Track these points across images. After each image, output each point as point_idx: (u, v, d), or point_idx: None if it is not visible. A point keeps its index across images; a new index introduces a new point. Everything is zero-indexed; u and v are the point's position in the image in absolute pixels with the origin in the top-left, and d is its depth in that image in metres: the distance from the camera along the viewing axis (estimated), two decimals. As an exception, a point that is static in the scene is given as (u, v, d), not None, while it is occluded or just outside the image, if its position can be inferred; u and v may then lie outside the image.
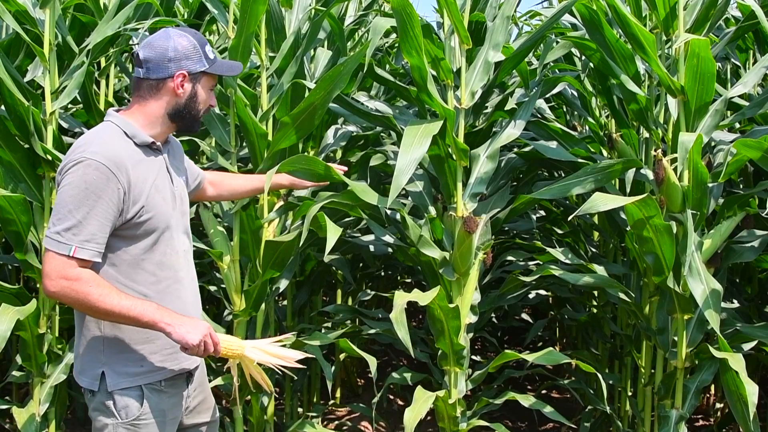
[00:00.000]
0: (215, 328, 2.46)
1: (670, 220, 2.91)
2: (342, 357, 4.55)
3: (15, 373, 3.44)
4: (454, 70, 3.22)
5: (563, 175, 3.60)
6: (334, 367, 4.27)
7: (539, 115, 4.02)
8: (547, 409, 3.17)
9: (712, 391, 4.72)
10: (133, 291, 2.14)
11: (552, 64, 4.01)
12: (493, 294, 3.63)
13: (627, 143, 3.50)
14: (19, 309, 3.00)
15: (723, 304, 3.04)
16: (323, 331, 3.72)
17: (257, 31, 3.13)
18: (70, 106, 4.11)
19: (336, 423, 4.64)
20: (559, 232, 4.36)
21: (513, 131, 3.29)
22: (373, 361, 2.96)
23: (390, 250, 3.73)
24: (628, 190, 3.42)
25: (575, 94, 4.00)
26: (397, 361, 5.50)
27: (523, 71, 3.49)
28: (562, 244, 4.19)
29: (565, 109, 4.71)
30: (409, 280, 5.61)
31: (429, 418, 4.16)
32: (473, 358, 4.33)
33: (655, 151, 3.02)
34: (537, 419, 4.52)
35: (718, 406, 4.64)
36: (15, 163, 3.14)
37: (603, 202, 2.66)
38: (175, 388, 2.28)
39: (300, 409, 4.44)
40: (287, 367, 2.32)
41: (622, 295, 3.26)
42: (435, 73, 3.18)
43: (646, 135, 3.44)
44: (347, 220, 3.66)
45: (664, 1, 2.98)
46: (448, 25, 3.35)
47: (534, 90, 3.45)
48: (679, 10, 2.99)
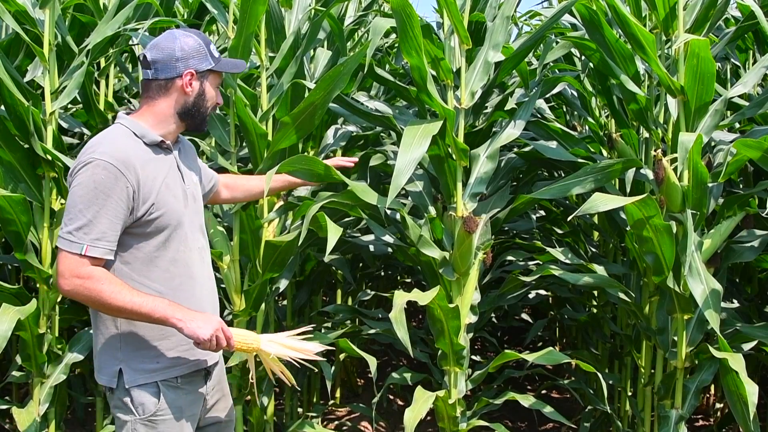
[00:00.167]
0: None
1: (670, 220, 2.91)
2: (342, 357, 4.55)
3: (15, 373, 3.45)
4: (454, 70, 3.22)
5: (563, 175, 3.60)
6: (334, 367, 4.27)
7: (539, 115, 4.02)
8: (547, 409, 3.17)
9: (712, 391, 4.72)
10: (147, 288, 2.17)
11: (552, 64, 4.01)
12: (493, 294, 3.63)
13: (627, 143, 3.49)
14: (19, 309, 3.00)
15: (723, 304, 3.04)
16: (323, 331, 3.72)
17: (257, 31, 3.13)
18: (70, 106, 4.12)
19: (336, 423, 4.64)
20: (559, 232, 4.36)
21: (513, 131, 3.29)
22: (373, 361, 2.96)
23: (390, 250, 3.73)
24: (628, 190, 3.42)
25: (575, 94, 4.00)
26: (397, 361, 5.50)
27: (523, 71, 3.49)
28: (562, 244, 4.19)
29: (565, 109, 4.71)
30: (409, 280, 5.62)
31: (429, 418, 4.16)
32: (473, 358, 4.33)
33: (655, 151, 3.02)
34: (537, 419, 4.53)
35: (718, 406, 4.64)
36: (15, 163, 3.14)
37: (603, 202, 2.66)
38: (193, 385, 2.31)
39: (300, 409, 4.44)
40: (307, 360, 2.33)
41: (622, 295, 3.26)
42: (435, 73, 3.18)
43: (646, 135, 3.44)
44: (347, 220, 3.66)
45: (663, 1, 2.98)
46: (447, 25, 3.35)
47: (534, 90, 3.45)
48: (679, 10, 2.99)
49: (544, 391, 4.84)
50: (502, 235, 4.50)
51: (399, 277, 5.62)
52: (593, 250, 4.04)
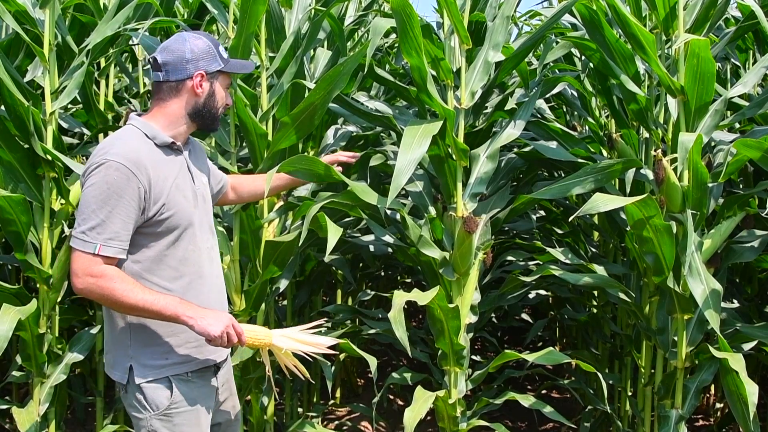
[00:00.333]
0: None
1: (670, 220, 2.91)
2: (342, 357, 4.55)
3: (15, 373, 3.45)
4: (454, 70, 3.22)
5: (563, 175, 3.60)
6: (334, 367, 4.27)
7: (539, 115, 4.01)
8: (547, 409, 3.17)
9: (712, 391, 4.72)
10: (157, 286, 2.21)
11: (552, 64, 4.01)
12: (493, 294, 3.63)
13: (627, 143, 3.49)
14: (19, 309, 3.00)
15: (723, 304, 3.04)
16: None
17: (257, 31, 3.13)
18: (70, 106, 4.12)
19: (336, 423, 4.64)
20: (559, 232, 4.36)
21: (513, 131, 3.29)
22: (373, 361, 2.96)
23: (390, 250, 3.73)
24: (628, 190, 3.41)
25: (575, 94, 4.00)
26: (397, 361, 5.50)
27: (523, 71, 3.49)
28: (562, 244, 4.19)
29: (565, 109, 4.71)
30: (409, 280, 5.61)
31: (429, 418, 4.16)
32: (473, 358, 4.33)
33: (655, 151, 3.02)
34: (537, 419, 4.53)
35: (718, 406, 4.64)
36: (15, 163, 3.14)
37: (603, 203, 2.66)
38: (204, 379, 2.34)
39: (300, 409, 4.44)
40: (319, 354, 2.34)
41: (622, 295, 3.26)
42: (435, 73, 3.18)
43: (646, 135, 3.44)
44: (347, 220, 3.66)
45: (664, 1, 2.98)
46: (448, 25, 3.35)
47: (534, 90, 3.45)
48: (679, 10, 2.99)
49: (544, 391, 4.84)
50: (502, 235, 4.50)
51: (399, 277, 5.62)
52: (593, 250, 4.04)
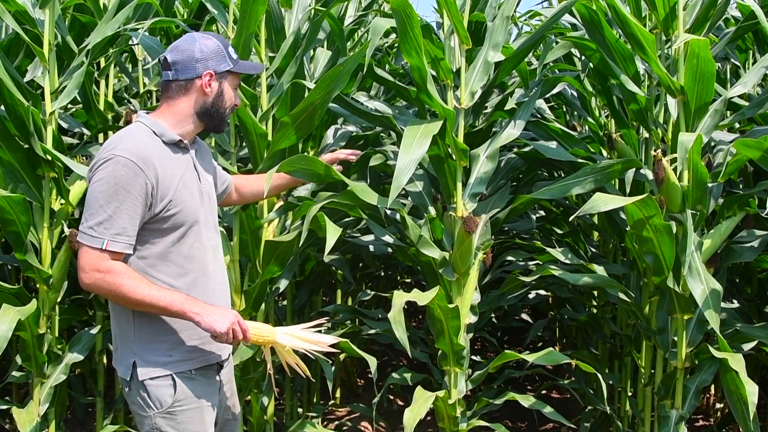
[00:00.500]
0: None
1: (670, 220, 2.91)
2: (342, 357, 4.55)
3: (15, 373, 3.45)
4: (454, 70, 3.22)
5: (563, 175, 3.60)
6: (334, 367, 4.27)
7: (539, 115, 4.01)
8: (547, 409, 3.17)
9: (712, 391, 4.72)
10: (162, 282, 2.22)
11: (552, 64, 4.01)
12: (493, 294, 3.63)
13: (627, 143, 3.49)
14: (19, 309, 3.00)
15: (723, 304, 3.04)
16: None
17: (257, 31, 3.13)
18: (70, 106, 4.11)
19: (336, 423, 4.64)
20: (559, 232, 4.36)
21: (513, 131, 3.29)
22: (373, 361, 2.96)
23: (390, 250, 3.73)
24: (628, 190, 3.42)
25: (575, 94, 4.00)
26: (397, 361, 5.50)
27: (522, 71, 3.49)
28: (562, 244, 4.19)
29: (565, 109, 4.71)
30: (409, 280, 5.61)
31: (429, 418, 4.16)
32: (473, 358, 4.33)
33: (654, 151, 3.02)
34: (537, 419, 4.53)
35: (718, 406, 4.64)
36: (15, 163, 3.14)
37: (603, 203, 2.66)
38: (207, 377, 2.34)
39: (300, 409, 4.44)
40: (321, 352, 2.36)
41: (622, 295, 3.26)
42: (435, 73, 3.18)
43: (646, 135, 3.44)
44: (347, 220, 3.66)
45: (663, 1, 2.98)
46: (447, 25, 3.35)
47: (534, 90, 3.45)
48: (679, 10, 2.99)
49: (544, 392, 4.84)
50: (502, 235, 4.50)
51: (399, 277, 5.61)
52: (593, 250, 4.04)
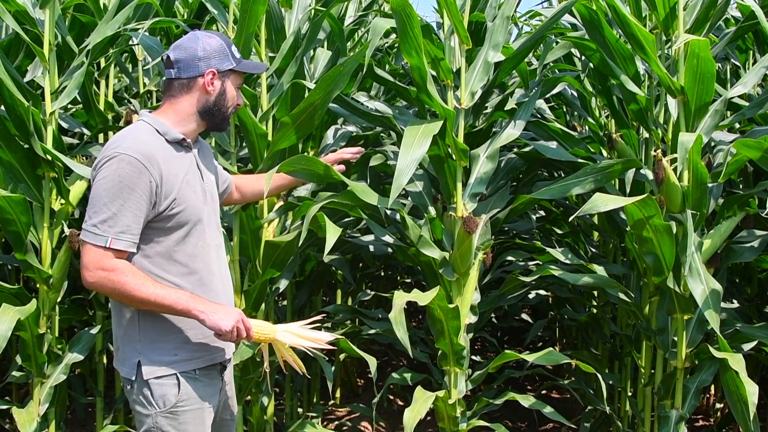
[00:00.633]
0: None
1: (670, 220, 2.91)
2: (342, 357, 4.55)
3: (15, 373, 3.44)
4: (454, 71, 3.22)
5: (563, 175, 3.60)
6: (334, 367, 4.27)
7: (539, 116, 4.01)
8: (547, 409, 3.17)
9: (712, 391, 4.72)
10: (166, 281, 2.21)
11: (552, 64, 4.01)
12: (493, 294, 3.63)
13: (627, 143, 3.49)
14: (19, 309, 3.00)
15: (723, 304, 3.04)
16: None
17: (257, 32, 3.13)
18: (70, 107, 4.11)
19: (336, 423, 4.64)
20: (559, 232, 4.36)
21: (513, 131, 3.29)
22: (373, 361, 2.96)
23: (390, 250, 3.73)
24: (628, 190, 3.41)
25: (575, 94, 4.00)
26: (397, 361, 5.50)
27: (523, 71, 3.49)
28: (561, 244, 4.19)
29: (565, 109, 4.71)
30: (409, 280, 5.61)
31: (429, 418, 4.16)
32: (473, 358, 4.33)
33: (654, 151, 3.02)
34: (537, 419, 4.53)
35: (718, 406, 4.64)
36: (15, 163, 3.14)
37: (603, 203, 2.66)
38: (210, 378, 2.34)
39: (300, 409, 4.44)
40: (319, 349, 2.38)
41: (622, 295, 3.26)
42: (435, 73, 3.18)
43: (646, 135, 3.44)
44: (347, 220, 3.66)
45: (663, 2, 2.98)
46: (448, 26, 3.35)
47: (534, 90, 3.45)
48: (679, 11, 2.99)
49: (544, 392, 4.84)
50: (502, 235, 4.50)
51: (399, 277, 5.61)
52: (593, 250, 4.04)
